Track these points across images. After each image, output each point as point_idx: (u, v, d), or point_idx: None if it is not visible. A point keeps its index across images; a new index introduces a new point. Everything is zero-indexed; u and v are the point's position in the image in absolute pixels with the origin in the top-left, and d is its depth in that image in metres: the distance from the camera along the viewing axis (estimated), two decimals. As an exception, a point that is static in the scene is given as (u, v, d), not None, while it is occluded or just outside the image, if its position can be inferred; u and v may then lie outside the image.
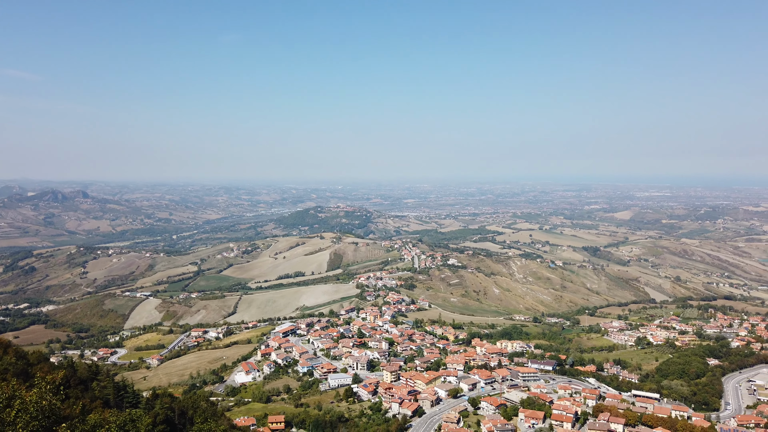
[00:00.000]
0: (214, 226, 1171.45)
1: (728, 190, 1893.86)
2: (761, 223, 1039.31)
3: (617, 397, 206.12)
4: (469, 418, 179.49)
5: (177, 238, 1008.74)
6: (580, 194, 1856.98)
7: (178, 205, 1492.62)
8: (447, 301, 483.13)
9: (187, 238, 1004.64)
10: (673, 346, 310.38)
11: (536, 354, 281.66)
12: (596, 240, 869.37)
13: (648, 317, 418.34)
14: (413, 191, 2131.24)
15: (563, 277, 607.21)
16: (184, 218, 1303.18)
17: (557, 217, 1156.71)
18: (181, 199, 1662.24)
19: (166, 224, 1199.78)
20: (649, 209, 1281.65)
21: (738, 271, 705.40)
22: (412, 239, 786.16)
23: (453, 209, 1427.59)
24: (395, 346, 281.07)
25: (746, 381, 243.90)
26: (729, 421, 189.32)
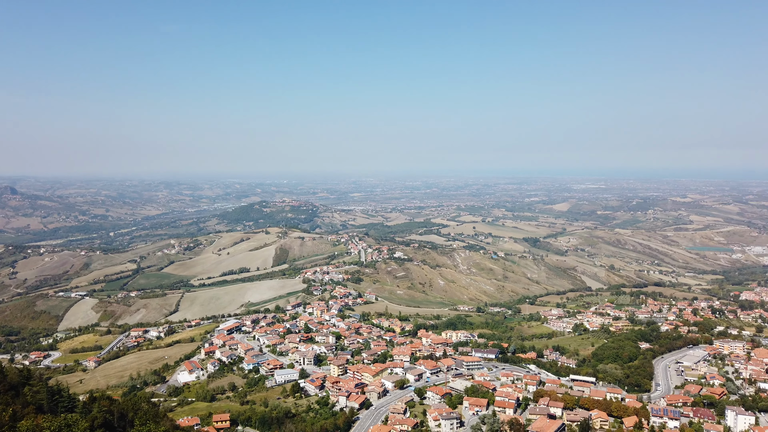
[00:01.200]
0: (154, 222, 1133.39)
1: (658, 182, 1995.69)
2: (688, 213, 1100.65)
3: (556, 382, 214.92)
4: (416, 408, 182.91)
5: (114, 236, 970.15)
6: (521, 187, 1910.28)
7: (115, 201, 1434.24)
8: (393, 293, 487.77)
9: (126, 235, 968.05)
10: (608, 332, 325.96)
11: (480, 343, 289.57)
12: (536, 231, 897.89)
13: (584, 304, 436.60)
14: (360, 185, 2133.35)
15: (505, 268, 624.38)
16: (121, 214, 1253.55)
17: (499, 210, 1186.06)
18: (118, 194, 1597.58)
19: (103, 221, 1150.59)
20: (585, 201, 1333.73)
21: (667, 259, 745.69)
22: (358, 233, 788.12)
23: (399, 203, 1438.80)
24: (342, 340, 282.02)
25: (675, 362, 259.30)
26: (659, 401, 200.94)
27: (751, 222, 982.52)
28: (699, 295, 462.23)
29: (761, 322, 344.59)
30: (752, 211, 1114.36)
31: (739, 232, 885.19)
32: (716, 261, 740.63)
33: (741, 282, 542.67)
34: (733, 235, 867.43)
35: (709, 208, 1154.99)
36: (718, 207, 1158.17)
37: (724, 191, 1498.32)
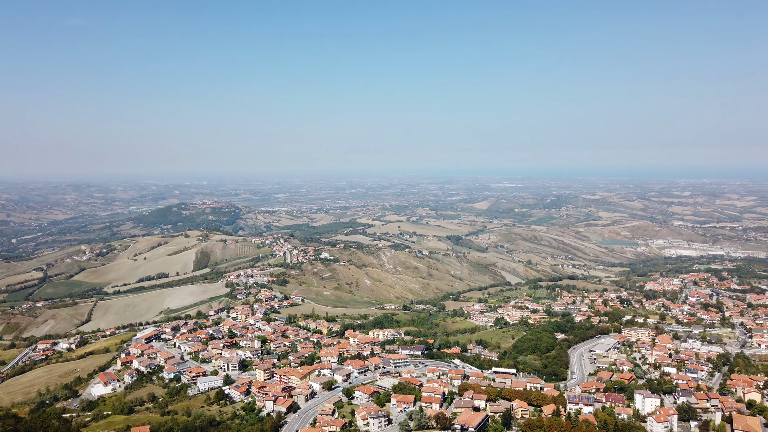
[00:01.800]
0: (61, 227, 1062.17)
1: (570, 180, 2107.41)
2: (597, 210, 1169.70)
3: (480, 375, 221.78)
4: (344, 409, 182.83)
5: (17, 242, 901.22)
6: (443, 186, 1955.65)
7: (17, 204, 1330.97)
8: (320, 294, 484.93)
9: (30, 241, 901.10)
10: (527, 324, 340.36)
11: (406, 340, 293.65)
12: (458, 229, 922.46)
13: (505, 299, 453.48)
14: (284, 186, 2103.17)
15: (430, 266, 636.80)
16: (25, 219, 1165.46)
17: (423, 209, 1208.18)
18: (20, 198, 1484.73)
19: (3, 227, 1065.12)
20: (504, 199, 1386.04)
21: (579, 253, 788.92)
22: (283, 234, 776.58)
23: (324, 203, 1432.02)
24: (268, 344, 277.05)
25: (588, 351, 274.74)
26: (575, 388, 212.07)
27: (653, 217, 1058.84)
28: (608, 286, 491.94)
29: (664, 310, 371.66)
30: (654, 207, 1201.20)
31: (643, 226, 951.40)
32: (623, 254, 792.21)
33: (645, 273, 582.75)
34: (638, 230, 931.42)
35: (616, 204, 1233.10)
36: (624, 203, 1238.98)
37: (629, 189, 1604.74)
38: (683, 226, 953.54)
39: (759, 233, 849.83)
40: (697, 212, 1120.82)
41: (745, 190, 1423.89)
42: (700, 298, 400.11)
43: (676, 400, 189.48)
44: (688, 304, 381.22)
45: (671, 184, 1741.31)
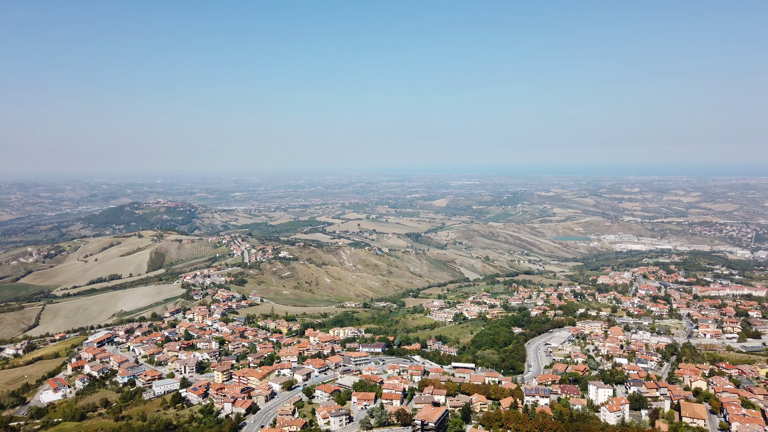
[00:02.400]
0: (6, 228, 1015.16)
1: (525, 177, 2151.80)
2: (552, 206, 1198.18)
3: (439, 371, 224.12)
4: (305, 408, 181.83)
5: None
6: (402, 184, 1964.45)
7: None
8: (279, 294, 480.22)
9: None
10: (485, 319, 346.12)
11: (367, 338, 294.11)
12: (418, 226, 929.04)
13: (463, 295, 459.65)
14: (241, 184, 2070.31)
15: (390, 263, 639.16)
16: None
17: (383, 206, 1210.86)
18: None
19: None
20: (462, 197, 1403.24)
21: (535, 249, 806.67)
22: (241, 233, 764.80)
23: (283, 201, 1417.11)
24: (227, 345, 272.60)
25: (544, 344, 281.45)
26: (532, 381, 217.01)
27: (605, 213, 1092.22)
28: (563, 281, 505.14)
29: (615, 303, 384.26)
30: (605, 203, 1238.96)
31: (595, 222, 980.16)
32: (577, 249, 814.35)
33: (598, 267, 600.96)
34: (590, 225, 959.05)
35: (569, 201, 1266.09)
36: (577, 200, 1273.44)
37: (582, 185, 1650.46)
38: (633, 221, 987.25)
39: (704, 228, 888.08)
40: (646, 208, 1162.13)
41: (690, 186, 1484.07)
42: (649, 290, 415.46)
43: (627, 390, 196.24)
44: (638, 297, 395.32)
45: (621, 180, 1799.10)
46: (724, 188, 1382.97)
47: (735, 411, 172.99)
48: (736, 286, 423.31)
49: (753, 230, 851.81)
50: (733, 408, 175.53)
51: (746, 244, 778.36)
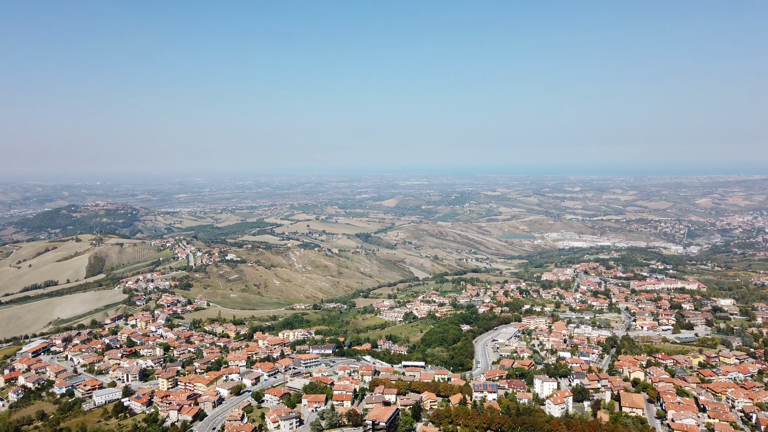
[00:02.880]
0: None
1: (472, 177, 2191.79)
2: (498, 205, 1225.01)
3: (390, 370, 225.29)
4: (254, 413, 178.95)
5: None
6: (352, 184, 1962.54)
7: None
8: (227, 297, 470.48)
9: None
10: (434, 318, 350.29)
11: (317, 340, 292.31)
12: (367, 227, 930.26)
13: (413, 294, 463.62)
14: (186, 186, 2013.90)
15: (340, 264, 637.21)
16: None
17: (332, 207, 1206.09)
18: None
19: None
20: (411, 197, 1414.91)
21: (482, 248, 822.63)
22: (186, 236, 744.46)
23: (230, 203, 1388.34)
24: (172, 351, 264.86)
25: (491, 340, 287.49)
26: (480, 377, 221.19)
27: (548, 211, 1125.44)
28: (509, 278, 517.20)
29: (559, 298, 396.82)
30: (549, 201, 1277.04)
31: (539, 220, 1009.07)
32: (522, 247, 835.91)
33: (542, 264, 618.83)
34: (535, 224, 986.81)
35: (514, 200, 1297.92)
36: (521, 199, 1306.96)
37: (526, 185, 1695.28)
38: (574, 219, 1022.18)
39: (640, 225, 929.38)
40: (586, 206, 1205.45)
41: (627, 185, 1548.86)
42: (590, 286, 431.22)
43: (571, 383, 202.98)
44: (580, 292, 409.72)
45: (563, 180, 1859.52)
46: (659, 187, 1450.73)
47: (671, 399, 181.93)
48: (670, 280, 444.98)
49: (685, 226, 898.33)
50: (669, 397, 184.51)
51: (679, 239, 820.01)
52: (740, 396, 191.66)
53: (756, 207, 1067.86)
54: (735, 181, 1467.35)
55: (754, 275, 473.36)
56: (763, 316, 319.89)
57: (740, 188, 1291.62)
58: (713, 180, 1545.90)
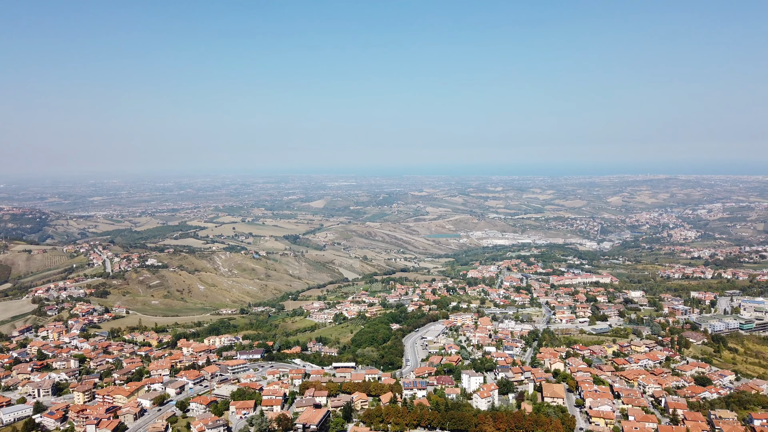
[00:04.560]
0: None
1: (400, 178, 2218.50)
2: (425, 205, 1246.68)
3: (320, 372, 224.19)
4: (179, 423, 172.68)
5: None
6: (279, 186, 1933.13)
7: None
8: (148, 304, 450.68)
9: None
10: (364, 318, 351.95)
11: (245, 345, 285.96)
12: (296, 228, 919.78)
13: (343, 295, 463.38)
14: (101, 188, 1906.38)
15: (267, 267, 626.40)
16: None
17: (259, 209, 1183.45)
18: None
19: None
20: (340, 197, 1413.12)
21: (410, 247, 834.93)
22: (102, 241, 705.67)
23: (149, 206, 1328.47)
24: (88, 363, 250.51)
25: (420, 338, 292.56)
26: (409, 375, 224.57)
27: (473, 210, 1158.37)
28: (436, 276, 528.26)
29: (484, 295, 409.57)
30: (473, 201, 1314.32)
31: (464, 220, 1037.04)
32: (448, 246, 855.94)
33: (467, 262, 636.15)
34: (460, 223, 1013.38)
35: (440, 200, 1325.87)
36: (447, 199, 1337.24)
37: (451, 185, 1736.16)
38: (497, 218, 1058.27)
39: (557, 222, 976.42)
40: (508, 205, 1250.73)
41: (545, 185, 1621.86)
42: (513, 282, 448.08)
43: (496, 376, 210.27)
44: (504, 288, 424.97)
45: (486, 180, 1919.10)
46: (574, 186, 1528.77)
47: (588, 388, 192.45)
48: (586, 275, 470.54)
49: (599, 223, 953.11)
50: (586, 385, 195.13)
51: (593, 236, 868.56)
52: (650, 382, 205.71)
53: (661, 204, 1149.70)
54: (642, 180, 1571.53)
55: (660, 268, 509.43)
56: (669, 306, 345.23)
57: (647, 187, 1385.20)
58: (623, 179, 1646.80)
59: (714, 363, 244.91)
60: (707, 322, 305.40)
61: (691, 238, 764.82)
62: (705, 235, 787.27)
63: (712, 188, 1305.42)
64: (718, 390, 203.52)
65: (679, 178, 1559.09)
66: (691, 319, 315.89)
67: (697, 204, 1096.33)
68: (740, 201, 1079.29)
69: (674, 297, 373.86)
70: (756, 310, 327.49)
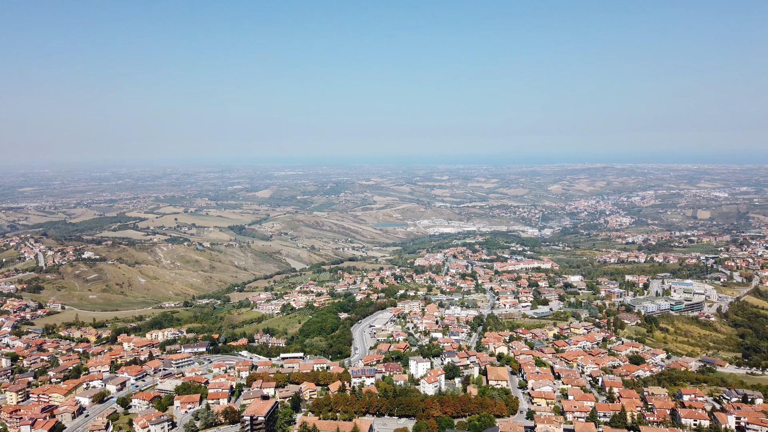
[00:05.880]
0: None
1: (347, 167, 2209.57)
2: (372, 194, 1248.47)
3: (268, 364, 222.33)
4: (120, 420, 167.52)
5: None
6: (223, 175, 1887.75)
7: None
8: (85, 299, 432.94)
9: None
10: (312, 308, 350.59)
11: (189, 338, 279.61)
12: (241, 219, 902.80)
13: (291, 285, 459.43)
14: (31, 178, 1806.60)
15: (212, 258, 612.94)
16: None
17: (202, 199, 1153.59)
18: None
19: None
20: (286, 187, 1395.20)
21: (358, 236, 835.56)
22: (33, 234, 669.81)
23: (85, 196, 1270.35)
24: (21, 361, 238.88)
25: (368, 326, 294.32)
26: (358, 363, 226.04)
27: (419, 199, 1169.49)
28: (384, 265, 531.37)
29: (431, 282, 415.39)
30: (420, 190, 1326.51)
31: (411, 208, 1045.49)
32: (396, 234, 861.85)
33: (414, 250, 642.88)
34: (407, 212, 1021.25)
35: (388, 189, 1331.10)
36: (395, 188, 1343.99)
37: (398, 174, 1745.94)
38: (444, 206, 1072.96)
39: (501, 210, 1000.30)
40: (454, 194, 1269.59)
41: (490, 174, 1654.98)
42: (458, 269, 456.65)
43: (443, 361, 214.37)
44: (450, 276, 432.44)
45: (433, 169, 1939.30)
46: (517, 175, 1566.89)
47: (530, 370, 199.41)
48: (528, 261, 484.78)
49: (540, 211, 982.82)
50: (529, 368, 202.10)
51: (535, 223, 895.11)
52: (588, 362, 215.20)
53: (598, 192, 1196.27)
54: (581, 168, 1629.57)
55: (597, 253, 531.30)
56: (606, 290, 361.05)
57: (585, 175, 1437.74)
58: (563, 168, 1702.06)
59: (647, 343, 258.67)
60: (641, 304, 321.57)
61: (626, 224, 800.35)
62: (639, 221, 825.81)
63: (646, 176, 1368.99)
64: (650, 368, 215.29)
65: (615, 166, 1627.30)
66: (626, 302, 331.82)
67: (631, 191, 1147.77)
68: (671, 188, 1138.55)
69: (610, 281, 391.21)
70: (685, 291, 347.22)
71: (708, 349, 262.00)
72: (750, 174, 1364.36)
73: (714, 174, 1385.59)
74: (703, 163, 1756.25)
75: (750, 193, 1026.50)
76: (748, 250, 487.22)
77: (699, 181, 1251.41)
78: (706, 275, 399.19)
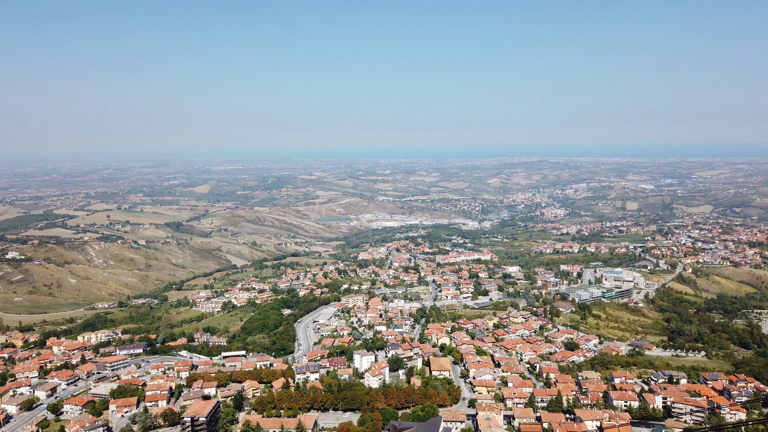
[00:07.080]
0: None
1: (289, 162, 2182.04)
2: (315, 189, 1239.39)
3: (209, 363, 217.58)
4: (51, 427, 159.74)
5: None
6: (158, 170, 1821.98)
7: None
8: (10, 301, 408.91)
9: None
10: (255, 305, 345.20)
11: (125, 340, 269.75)
12: (178, 215, 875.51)
13: (231, 282, 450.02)
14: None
15: (148, 256, 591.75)
16: None
17: (137, 195, 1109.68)
18: None
19: None
20: (226, 182, 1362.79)
21: (301, 231, 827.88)
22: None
23: (8, 193, 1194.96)
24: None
25: (312, 322, 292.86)
26: (302, 359, 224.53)
27: (362, 194, 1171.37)
28: (328, 260, 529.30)
29: (374, 276, 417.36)
30: (363, 184, 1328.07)
31: (354, 203, 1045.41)
32: (339, 229, 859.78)
33: (358, 245, 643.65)
34: (350, 206, 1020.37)
35: (330, 183, 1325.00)
36: (337, 182, 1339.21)
37: (341, 168, 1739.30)
38: (386, 200, 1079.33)
39: (443, 204, 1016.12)
40: (396, 188, 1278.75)
41: (431, 168, 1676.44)
42: (402, 262, 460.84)
43: (387, 354, 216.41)
44: (393, 269, 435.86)
45: (376, 163, 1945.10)
46: (457, 169, 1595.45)
47: (472, 359, 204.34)
48: (469, 253, 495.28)
49: (480, 204, 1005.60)
50: (470, 357, 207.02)
51: (475, 216, 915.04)
52: (527, 350, 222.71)
53: (534, 185, 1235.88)
54: (518, 162, 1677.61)
55: (534, 244, 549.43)
56: (542, 279, 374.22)
57: (522, 169, 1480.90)
58: (501, 162, 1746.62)
59: (581, 329, 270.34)
60: (575, 292, 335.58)
61: (561, 215, 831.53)
62: (572, 212, 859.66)
63: (579, 170, 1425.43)
64: (584, 353, 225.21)
65: (550, 160, 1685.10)
66: (561, 290, 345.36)
67: (565, 184, 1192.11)
68: (602, 181, 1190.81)
69: (546, 270, 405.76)
70: (615, 279, 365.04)
71: (637, 333, 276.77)
72: (674, 167, 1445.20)
73: (641, 167, 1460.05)
74: (632, 157, 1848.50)
75: (674, 185, 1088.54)
76: (672, 239, 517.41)
77: (627, 174, 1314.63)
78: (634, 263, 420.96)
